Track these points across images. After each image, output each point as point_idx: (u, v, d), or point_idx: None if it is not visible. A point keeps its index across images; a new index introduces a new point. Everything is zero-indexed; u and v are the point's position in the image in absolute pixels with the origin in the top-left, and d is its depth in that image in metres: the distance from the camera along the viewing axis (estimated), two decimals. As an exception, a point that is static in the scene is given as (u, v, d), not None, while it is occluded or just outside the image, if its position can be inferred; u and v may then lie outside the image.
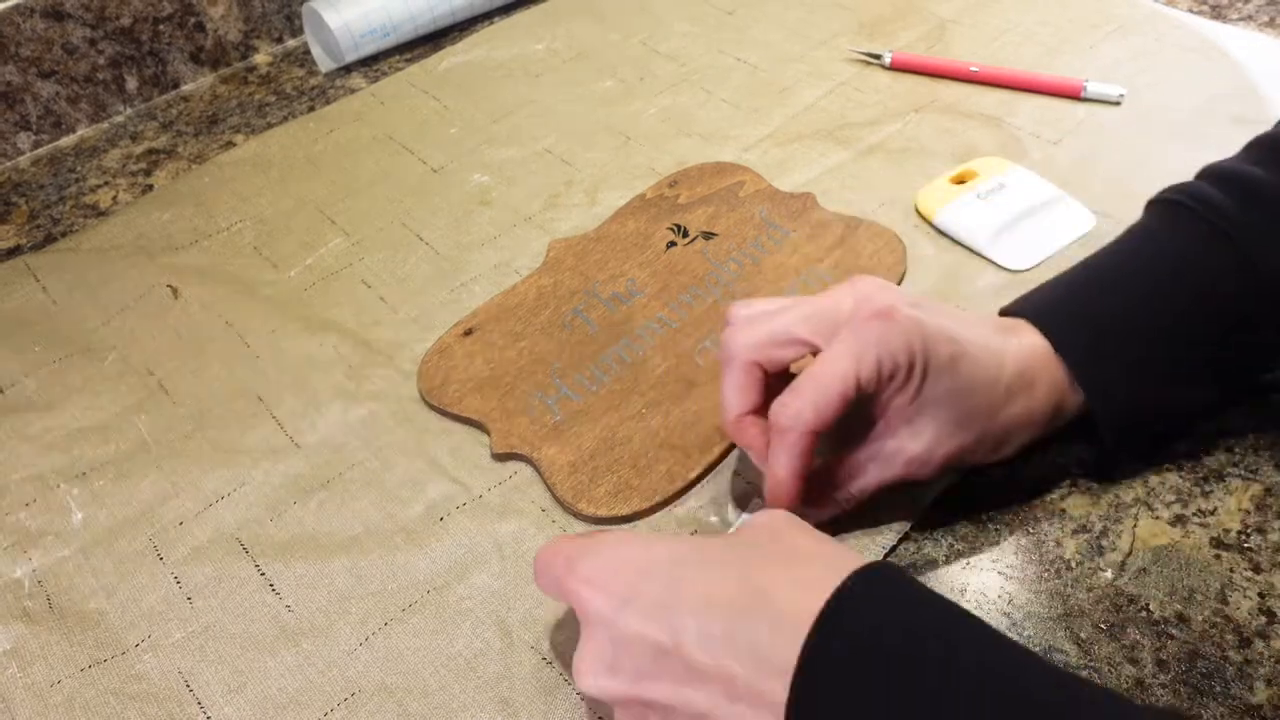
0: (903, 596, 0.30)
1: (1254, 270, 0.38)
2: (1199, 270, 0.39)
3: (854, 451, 0.40)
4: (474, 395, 0.48)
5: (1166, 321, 0.39)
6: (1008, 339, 0.39)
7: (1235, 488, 0.41)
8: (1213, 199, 0.40)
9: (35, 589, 0.43)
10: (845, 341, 0.37)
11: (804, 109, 0.65)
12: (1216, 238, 0.39)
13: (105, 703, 0.39)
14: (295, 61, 0.76)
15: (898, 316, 0.37)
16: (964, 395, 0.37)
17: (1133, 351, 0.39)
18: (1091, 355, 0.39)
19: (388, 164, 0.64)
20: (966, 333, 0.38)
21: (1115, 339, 0.39)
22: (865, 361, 0.36)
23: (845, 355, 0.36)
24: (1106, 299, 0.40)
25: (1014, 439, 0.40)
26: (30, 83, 0.67)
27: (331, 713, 0.38)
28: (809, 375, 0.37)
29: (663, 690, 0.31)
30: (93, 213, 0.64)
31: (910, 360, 0.36)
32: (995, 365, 0.38)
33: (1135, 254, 0.42)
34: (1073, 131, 0.60)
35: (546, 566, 0.35)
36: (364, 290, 0.55)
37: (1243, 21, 0.67)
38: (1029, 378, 0.39)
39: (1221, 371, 0.40)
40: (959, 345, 0.37)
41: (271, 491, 0.46)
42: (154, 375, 0.52)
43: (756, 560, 0.32)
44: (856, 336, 0.37)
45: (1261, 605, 0.37)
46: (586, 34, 0.75)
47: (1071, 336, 0.39)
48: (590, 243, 0.56)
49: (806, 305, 0.39)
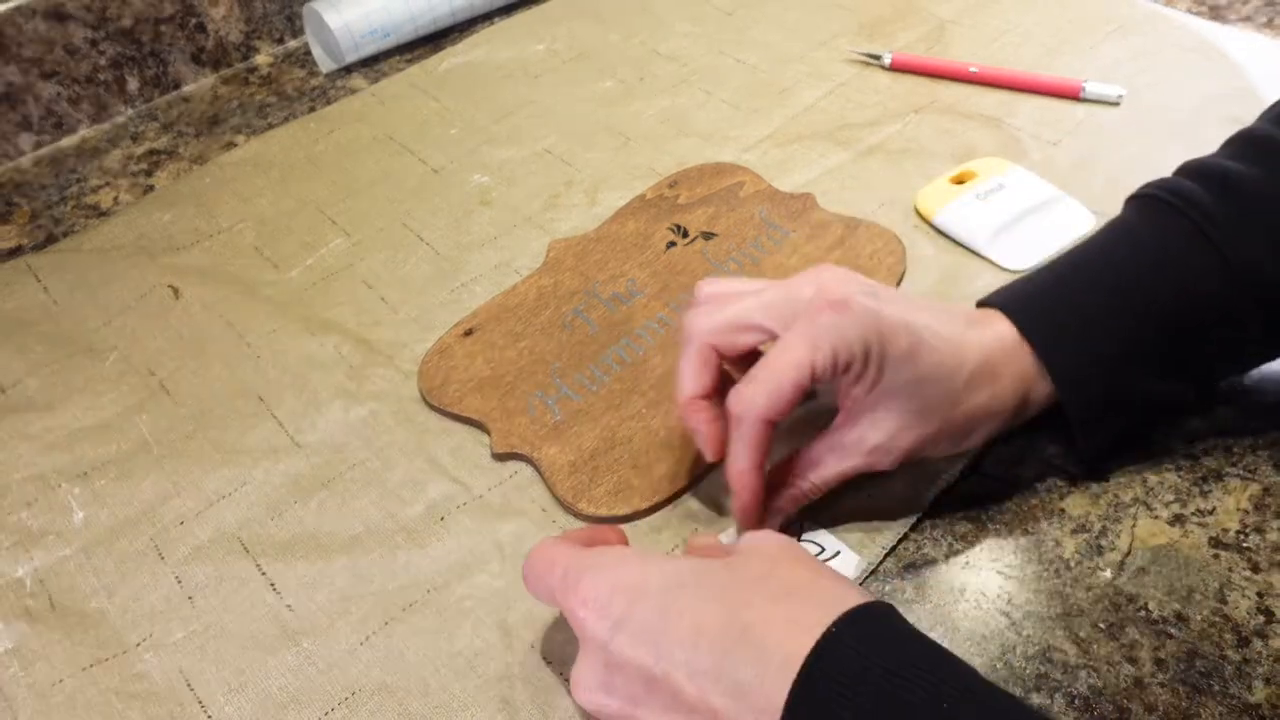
0: (891, 636, 0.30)
1: (1229, 265, 0.38)
2: (1176, 264, 0.39)
3: (814, 442, 0.40)
4: (474, 395, 0.48)
5: (1140, 313, 0.39)
6: (973, 329, 0.39)
7: (1234, 487, 0.41)
8: (1191, 194, 0.40)
9: (37, 588, 0.43)
10: (800, 331, 0.37)
11: (804, 110, 0.65)
12: (1194, 232, 0.39)
13: (107, 701, 0.39)
14: (296, 62, 0.76)
15: (853, 307, 0.36)
16: (924, 385, 0.37)
17: (1105, 342, 0.39)
18: (1061, 344, 0.39)
19: (388, 164, 0.65)
20: (927, 322, 0.38)
21: (1087, 329, 0.39)
22: (820, 352, 0.36)
23: (799, 345, 0.36)
24: (1080, 290, 0.40)
25: (978, 429, 0.40)
26: (32, 83, 0.67)
27: (332, 712, 0.38)
28: (764, 364, 0.37)
29: (653, 715, 0.32)
30: (94, 213, 0.64)
31: (865, 351, 0.36)
32: (956, 355, 0.38)
33: (1112, 247, 0.42)
34: (1072, 132, 0.60)
35: (541, 576, 0.35)
36: (364, 290, 0.56)
37: (1241, 22, 0.68)
38: (993, 367, 0.38)
39: (1196, 366, 0.40)
40: (917, 335, 0.37)
41: (272, 491, 0.46)
42: (155, 375, 0.52)
43: (750, 594, 0.32)
44: (812, 326, 0.36)
45: (1260, 604, 0.37)
46: (586, 34, 0.75)
47: (1042, 325, 0.39)
48: (590, 243, 0.56)
49: (769, 292, 0.39)
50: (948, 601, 0.39)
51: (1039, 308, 0.40)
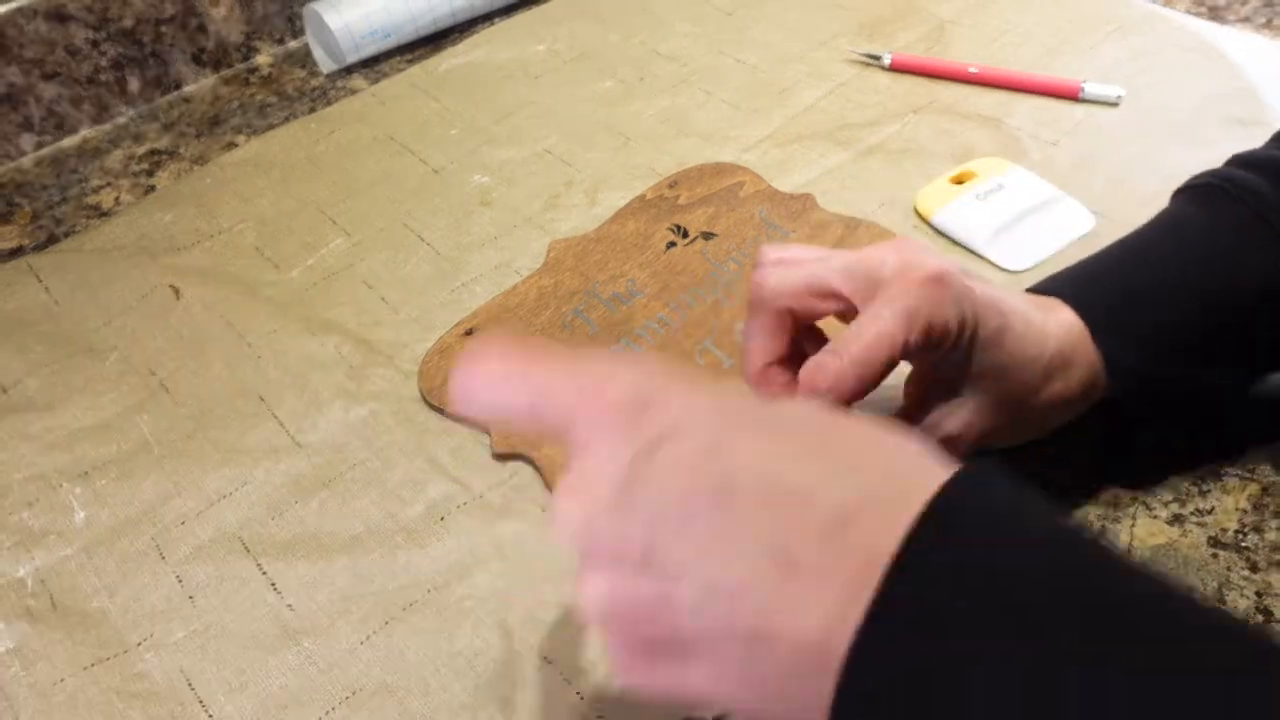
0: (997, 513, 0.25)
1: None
2: (1235, 252, 0.38)
3: None
4: (474, 395, 0.48)
5: (1198, 303, 0.38)
6: (1048, 316, 0.38)
7: (1233, 487, 0.41)
8: (1247, 182, 0.40)
9: (38, 588, 0.43)
10: (894, 302, 0.33)
11: (804, 110, 0.65)
12: (1253, 220, 0.39)
13: (108, 701, 0.39)
14: (296, 62, 0.76)
15: (951, 282, 0.33)
16: (1008, 371, 0.36)
17: (1158, 333, 0.38)
18: (1117, 333, 0.38)
19: (389, 165, 0.65)
20: (1014, 306, 0.36)
21: (1141, 320, 0.38)
22: (916, 325, 0.33)
23: (895, 316, 0.33)
24: (1133, 279, 0.39)
25: (1049, 420, 0.38)
26: (33, 84, 0.67)
27: (332, 711, 0.38)
28: (854, 335, 0.33)
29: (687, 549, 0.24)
30: (95, 213, 0.64)
31: (960, 328, 0.34)
32: (1039, 343, 0.36)
33: (1169, 235, 0.41)
34: (1071, 132, 0.60)
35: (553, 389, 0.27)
36: (365, 290, 0.56)
37: (1240, 23, 0.68)
38: (1067, 357, 0.37)
39: (1252, 356, 0.40)
40: (1006, 319, 0.35)
41: (273, 491, 0.46)
42: (156, 375, 0.52)
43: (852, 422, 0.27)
44: (906, 296, 0.33)
45: (1259, 604, 0.38)
46: (587, 35, 0.75)
47: (1099, 314, 0.38)
48: (590, 243, 0.56)
49: (845, 256, 0.35)
50: (947, 601, 0.39)
51: (1096, 296, 0.39)
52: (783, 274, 0.36)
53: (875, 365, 0.33)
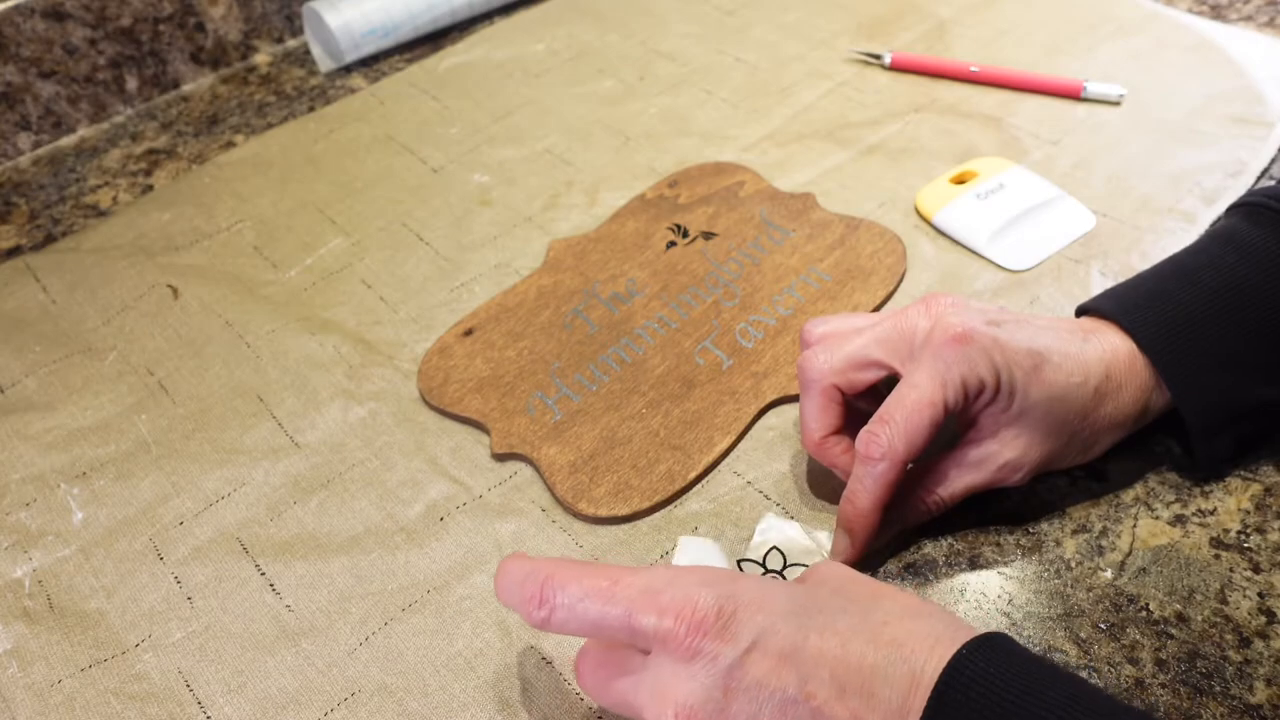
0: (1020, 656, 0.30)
1: None
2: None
3: (939, 459, 0.40)
4: (474, 395, 0.48)
5: (1255, 318, 0.39)
6: (1090, 342, 0.39)
7: (1235, 488, 0.41)
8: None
9: (36, 589, 0.43)
10: (927, 367, 0.37)
11: (804, 109, 0.65)
12: None
13: (105, 702, 0.39)
14: (295, 61, 0.76)
15: (976, 337, 0.37)
16: (1055, 404, 0.38)
17: (1220, 350, 0.39)
18: (1176, 352, 0.39)
19: (388, 164, 0.65)
20: (1048, 343, 0.38)
21: (1201, 337, 0.39)
22: (951, 387, 0.37)
23: (929, 382, 0.37)
24: (1190, 296, 0.40)
25: (1103, 440, 0.40)
26: (31, 83, 0.67)
27: (332, 712, 0.38)
28: (895, 404, 0.37)
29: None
30: (93, 213, 0.64)
31: (996, 378, 0.37)
32: (1081, 371, 0.38)
33: (1219, 253, 0.41)
34: (1072, 131, 0.60)
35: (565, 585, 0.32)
36: (364, 290, 0.55)
37: (1242, 22, 0.67)
38: (1117, 380, 0.39)
39: None
40: (1041, 357, 0.38)
41: (272, 491, 0.46)
42: (154, 375, 0.52)
43: (880, 612, 0.31)
44: (938, 361, 0.37)
45: (1261, 605, 0.37)
46: (586, 34, 0.75)
47: (1155, 334, 0.39)
48: (590, 243, 0.56)
49: (881, 327, 0.39)
50: (948, 601, 0.39)
51: (1150, 316, 0.40)
52: (827, 355, 0.40)
53: (920, 430, 0.37)
